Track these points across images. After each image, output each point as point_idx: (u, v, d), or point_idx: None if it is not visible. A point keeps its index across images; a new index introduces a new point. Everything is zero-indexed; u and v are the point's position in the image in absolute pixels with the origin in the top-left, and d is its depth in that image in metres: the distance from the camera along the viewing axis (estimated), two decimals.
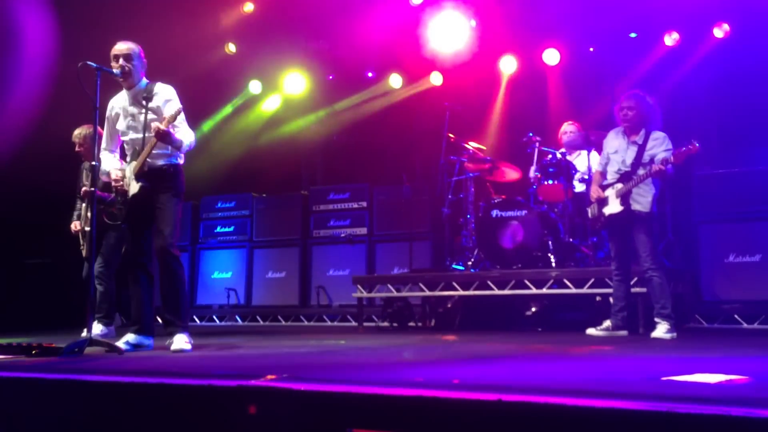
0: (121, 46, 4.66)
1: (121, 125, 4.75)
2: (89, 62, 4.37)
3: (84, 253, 6.24)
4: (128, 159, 4.76)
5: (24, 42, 7.51)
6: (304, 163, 10.36)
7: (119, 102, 4.77)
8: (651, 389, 2.45)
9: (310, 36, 9.17)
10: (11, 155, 7.43)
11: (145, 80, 4.73)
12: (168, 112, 4.54)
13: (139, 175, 4.58)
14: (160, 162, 4.64)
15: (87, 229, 6.15)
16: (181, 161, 4.77)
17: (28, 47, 7.52)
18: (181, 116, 4.55)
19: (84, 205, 6.26)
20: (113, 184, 4.68)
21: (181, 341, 4.47)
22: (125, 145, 4.80)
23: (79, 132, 6.37)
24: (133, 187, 4.61)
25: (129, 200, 4.65)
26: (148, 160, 4.57)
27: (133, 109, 4.68)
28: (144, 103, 4.62)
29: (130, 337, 4.58)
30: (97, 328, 6.15)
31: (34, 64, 7.45)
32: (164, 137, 4.44)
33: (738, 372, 2.78)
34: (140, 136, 4.61)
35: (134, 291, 4.69)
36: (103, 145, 4.84)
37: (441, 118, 7.83)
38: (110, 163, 4.79)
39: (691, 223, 7.09)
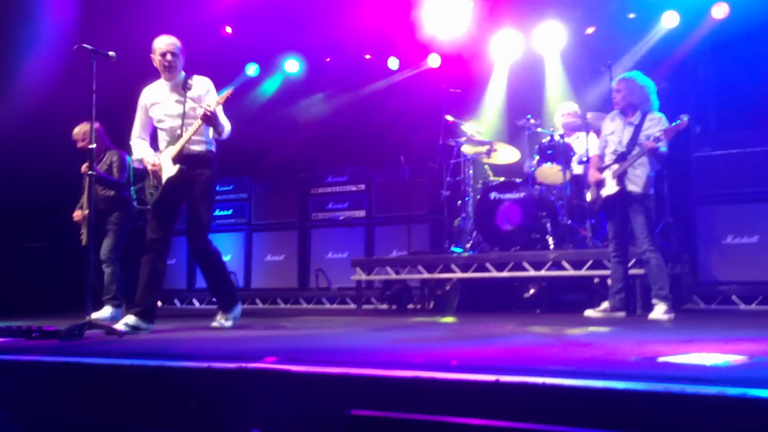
0: (168, 41, 4.81)
1: (158, 113, 4.86)
2: (85, 45, 4.36)
3: (83, 240, 6.24)
4: (164, 146, 4.85)
5: (28, 24, 7.47)
6: (302, 146, 10.33)
7: (155, 92, 4.90)
8: (648, 370, 2.46)
9: (308, 18, 9.10)
10: (13, 139, 7.42)
11: (183, 73, 4.85)
12: (211, 99, 4.75)
13: (176, 159, 4.70)
14: (197, 148, 4.80)
15: (86, 212, 6.16)
16: (214, 149, 4.91)
17: (31, 29, 7.48)
18: (220, 108, 4.73)
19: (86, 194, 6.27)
20: (150, 168, 4.76)
21: (223, 320, 4.87)
22: (161, 133, 4.90)
23: (79, 129, 6.41)
24: (169, 170, 4.70)
25: (163, 184, 4.73)
26: (186, 145, 4.71)
27: (172, 98, 4.81)
28: (184, 92, 4.78)
29: (129, 319, 4.59)
30: (107, 311, 6.17)
31: (37, 47, 7.42)
32: (211, 119, 4.60)
33: (735, 352, 2.80)
34: (179, 123, 4.76)
35: (144, 274, 4.72)
36: (136, 133, 4.93)
37: (439, 101, 7.81)
38: (143, 150, 4.88)
39: (689, 205, 7.09)
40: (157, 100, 4.85)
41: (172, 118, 4.80)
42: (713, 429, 1.82)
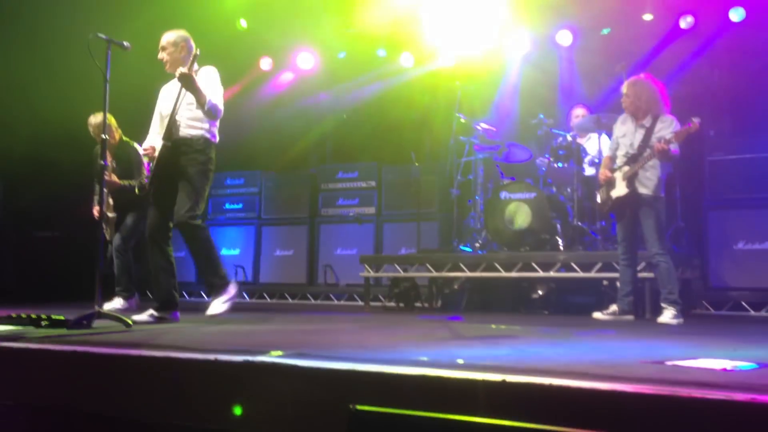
0: (163, 36, 4.86)
1: (161, 107, 4.92)
2: (99, 34, 4.36)
3: (108, 236, 6.28)
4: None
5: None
6: (313, 141, 10.33)
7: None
8: (655, 373, 2.45)
9: (322, 12, 9.09)
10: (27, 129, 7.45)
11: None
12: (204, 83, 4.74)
13: (166, 138, 4.65)
14: (190, 132, 4.71)
15: (110, 215, 6.20)
16: (210, 136, 4.81)
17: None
18: (214, 88, 4.72)
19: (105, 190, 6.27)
20: (143, 152, 4.83)
21: (216, 306, 4.64)
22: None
23: (92, 119, 6.38)
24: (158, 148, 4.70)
25: (154, 168, 4.74)
26: (177, 126, 4.65)
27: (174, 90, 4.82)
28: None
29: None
30: (117, 302, 6.19)
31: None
32: (185, 79, 4.51)
33: (743, 358, 2.78)
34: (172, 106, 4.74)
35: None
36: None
37: (452, 98, 7.78)
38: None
39: (701, 209, 7.05)
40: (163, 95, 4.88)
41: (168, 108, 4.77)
42: None
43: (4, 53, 7.68)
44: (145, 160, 4.88)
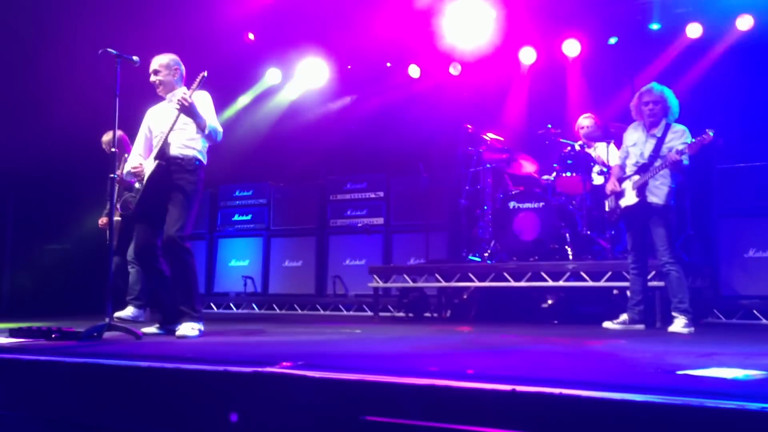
0: (154, 60, 4.79)
1: (154, 130, 4.86)
2: (109, 49, 4.41)
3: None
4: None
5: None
6: (322, 152, 10.37)
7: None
8: (666, 383, 2.44)
9: (330, 25, 9.15)
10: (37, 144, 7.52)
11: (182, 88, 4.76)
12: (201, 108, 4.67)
13: (158, 158, 4.61)
14: (182, 152, 4.65)
15: (116, 218, 6.22)
16: (203, 158, 4.76)
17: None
18: (209, 109, 4.68)
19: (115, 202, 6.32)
20: (132, 171, 4.74)
21: (187, 328, 4.47)
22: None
23: (107, 136, 6.45)
24: (149, 167, 4.63)
25: (144, 186, 4.67)
26: (169, 146, 4.60)
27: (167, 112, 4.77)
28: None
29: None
30: (129, 311, 6.22)
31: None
32: (187, 108, 4.46)
33: (755, 367, 2.76)
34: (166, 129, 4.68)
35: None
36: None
37: (459, 109, 7.80)
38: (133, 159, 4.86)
39: (711, 218, 7.02)
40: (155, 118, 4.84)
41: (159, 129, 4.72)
42: None
43: (18, 67, 7.76)
44: (133, 179, 4.83)
